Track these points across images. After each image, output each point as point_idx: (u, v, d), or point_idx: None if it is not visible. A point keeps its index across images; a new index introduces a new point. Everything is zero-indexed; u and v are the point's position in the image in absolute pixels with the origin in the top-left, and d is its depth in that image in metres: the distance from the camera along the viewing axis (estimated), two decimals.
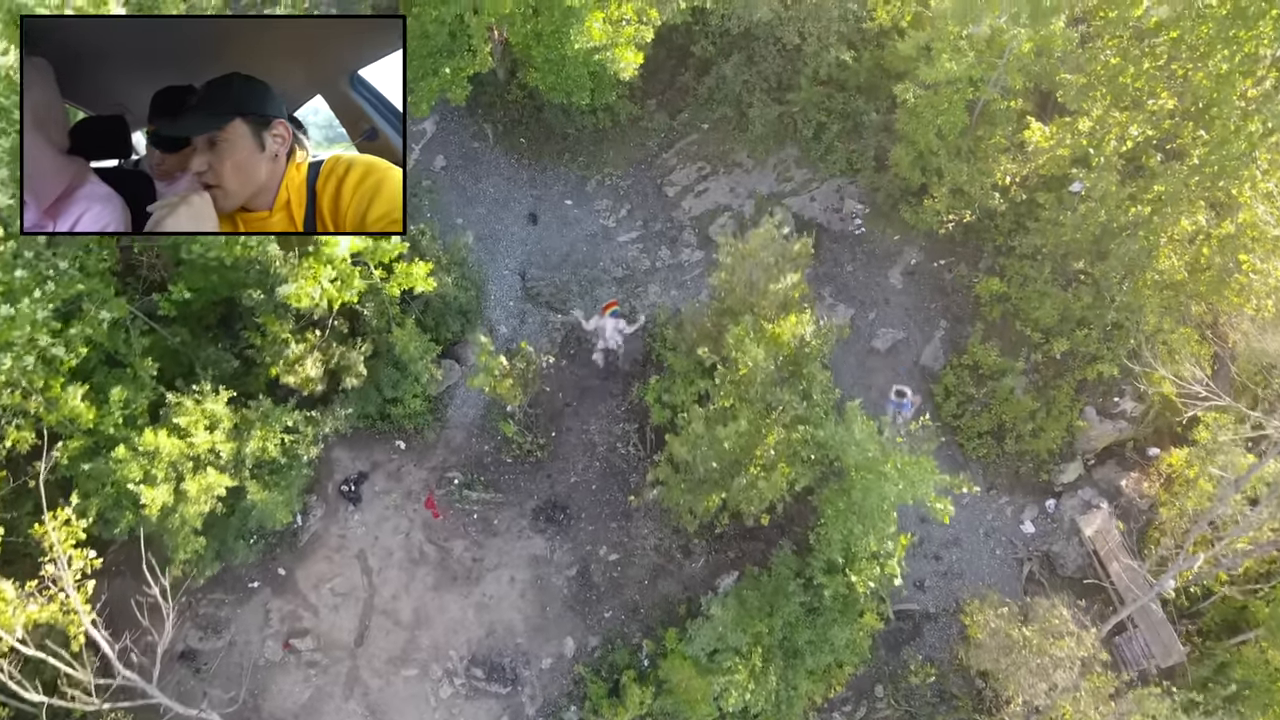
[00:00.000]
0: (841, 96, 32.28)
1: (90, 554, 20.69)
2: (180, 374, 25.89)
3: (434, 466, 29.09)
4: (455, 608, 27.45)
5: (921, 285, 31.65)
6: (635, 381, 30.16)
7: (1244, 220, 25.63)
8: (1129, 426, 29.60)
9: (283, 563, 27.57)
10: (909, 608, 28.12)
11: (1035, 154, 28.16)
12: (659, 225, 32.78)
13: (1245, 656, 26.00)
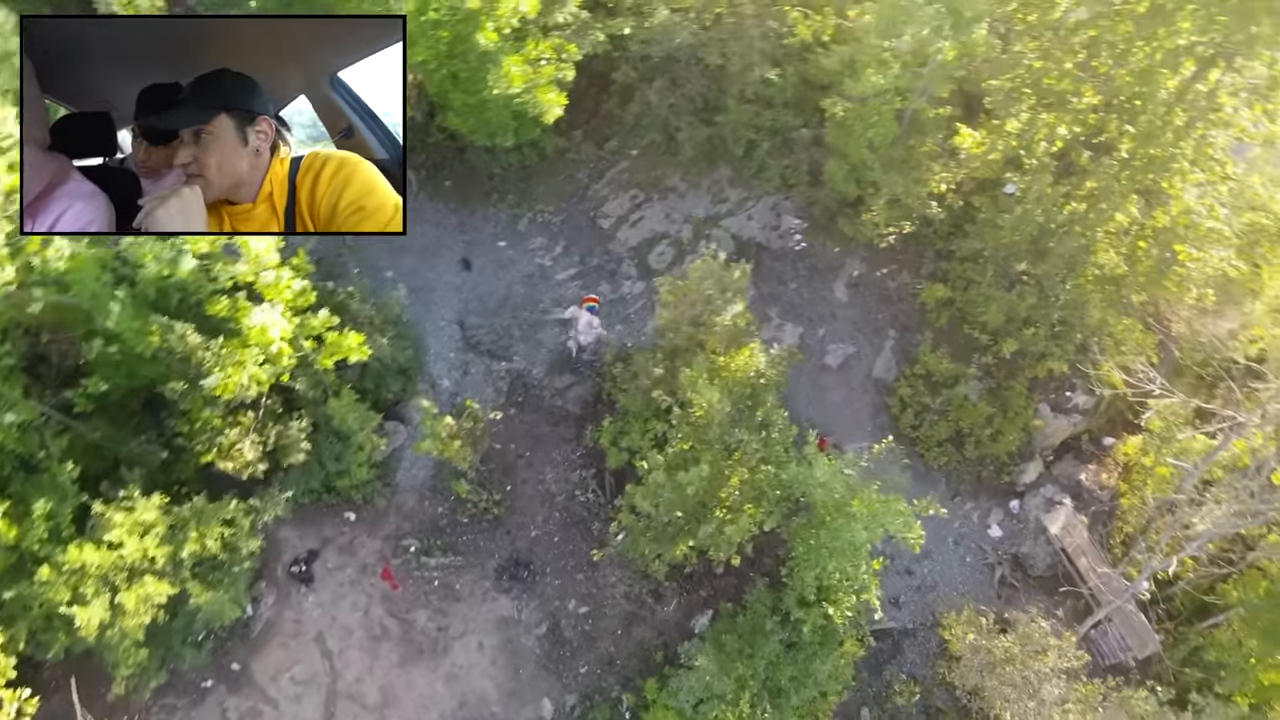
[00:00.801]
0: (770, 114, 31.83)
1: (24, 694, 19.09)
2: (104, 471, 24.32)
3: (388, 535, 27.84)
4: (424, 682, 26.28)
5: (867, 297, 31.38)
6: (588, 424, 29.31)
7: (1176, 211, 25.86)
8: (1083, 419, 29.75)
9: (236, 657, 26.07)
10: (887, 627, 27.76)
11: (967, 159, 28.10)
12: (596, 259, 31.95)
13: (1218, 639, 26.26)
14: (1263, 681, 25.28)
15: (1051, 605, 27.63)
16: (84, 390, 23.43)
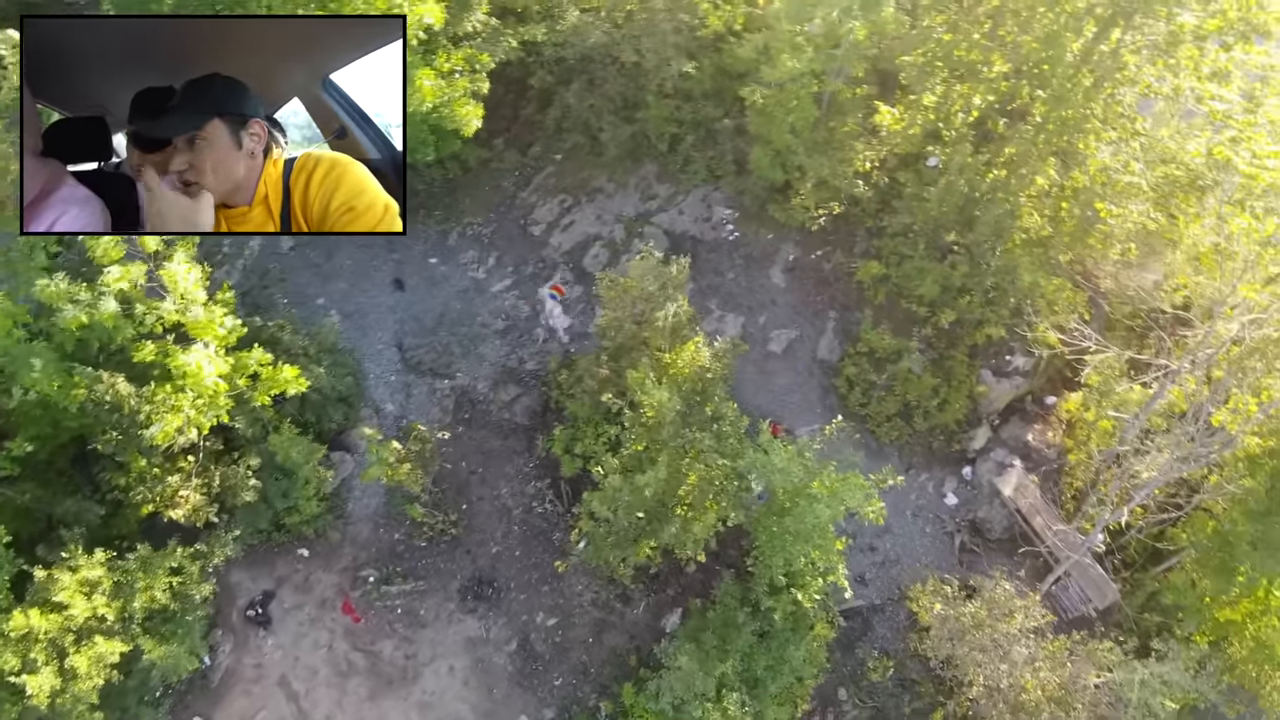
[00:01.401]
0: (690, 106, 31.86)
1: None
2: (38, 534, 23.40)
3: (344, 568, 27.20)
4: (396, 714, 25.71)
5: (804, 280, 31.56)
6: (538, 435, 28.99)
7: (1093, 170, 26.45)
8: (1024, 381, 30.30)
9: (197, 709, 25.22)
10: (855, 605, 27.94)
11: (888, 136, 28.44)
12: (531, 268, 31.63)
13: (1173, 582, 26.90)
14: (1218, 619, 25.96)
15: (1012, 566, 28.07)
16: (8, 453, 22.52)
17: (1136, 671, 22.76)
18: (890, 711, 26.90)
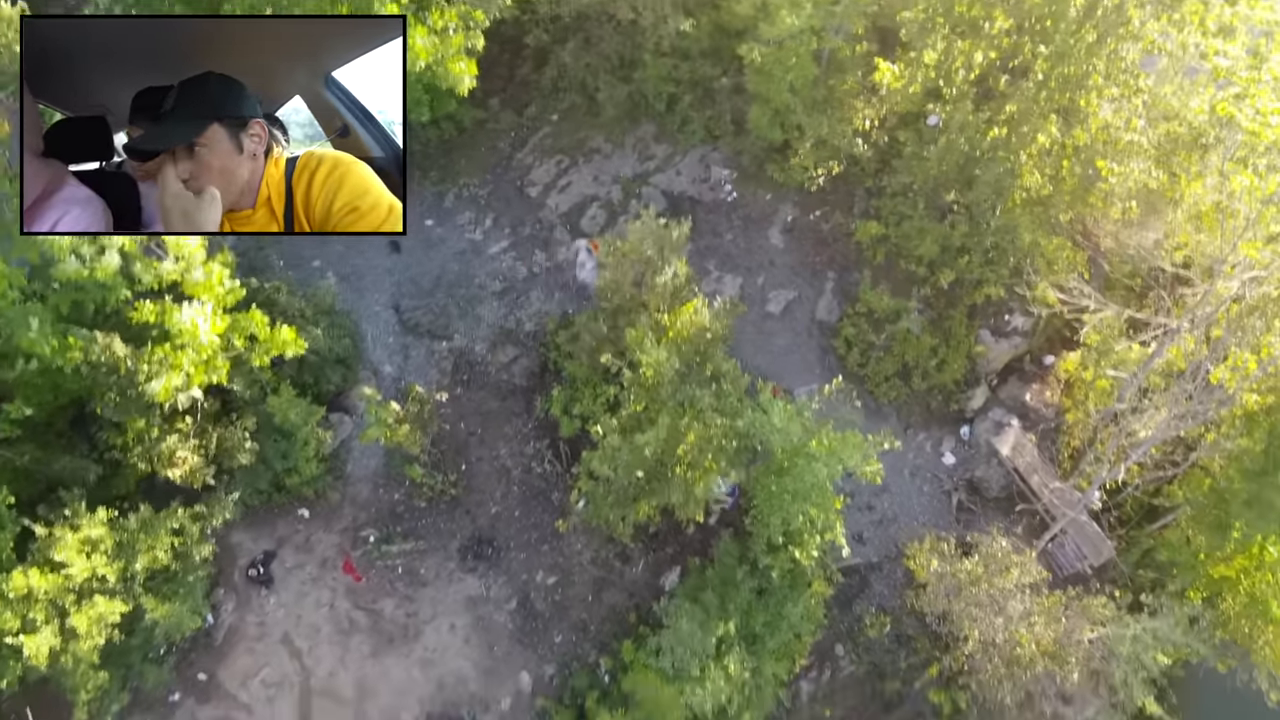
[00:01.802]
0: (687, 65, 31.49)
1: None
2: (38, 495, 23.39)
3: (345, 528, 27.34)
4: (398, 670, 25.99)
5: (802, 241, 31.42)
6: (537, 396, 29.02)
7: (1095, 128, 26.18)
8: (1023, 341, 30.28)
9: (201, 667, 25.48)
10: (853, 562, 28.16)
11: (888, 94, 28.08)
12: (528, 229, 31.45)
13: (1168, 539, 27.13)
14: (1212, 575, 26.19)
15: (1009, 524, 28.26)
16: (6, 415, 22.49)
17: (1129, 626, 22.99)
18: (886, 667, 27.23)
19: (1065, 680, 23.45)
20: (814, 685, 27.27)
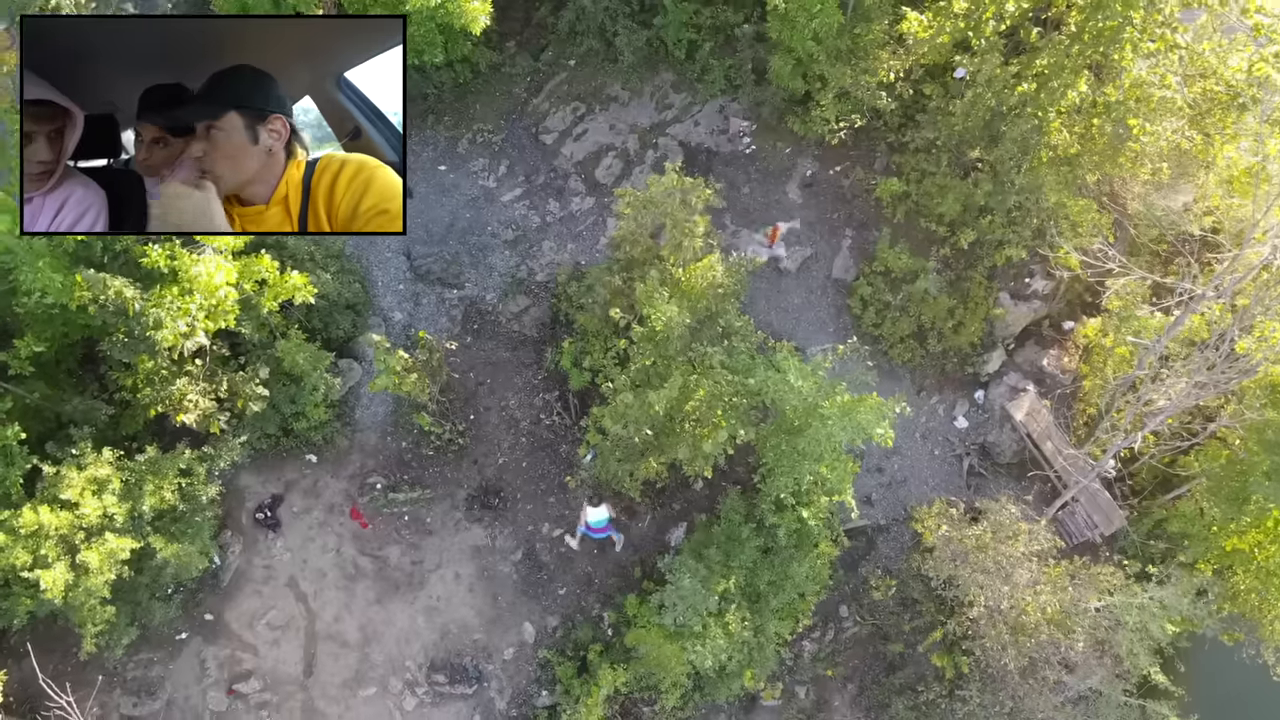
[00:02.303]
0: (709, 11, 30.62)
1: None
2: (46, 432, 23.54)
3: (352, 474, 27.39)
4: (403, 617, 26.20)
5: (821, 197, 30.77)
6: (547, 347, 28.79)
7: (1128, 84, 25.29)
8: (1043, 305, 29.67)
9: (208, 607, 25.76)
10: (860, 524, 28.00)
11: (915, 45, 27.15)
12: (542, 177, 30.94)
13: (1181, 510, 26.75)
14: (1225, 548, 25.85)
15: (1020, 491, 27.97)
16: (17, 351, 22.49)
17: (1136, 595, 22.76)
18: (890, 630, 27.20)
19: (1070, 649, 23.28)
20: (817, 645, 27.31)
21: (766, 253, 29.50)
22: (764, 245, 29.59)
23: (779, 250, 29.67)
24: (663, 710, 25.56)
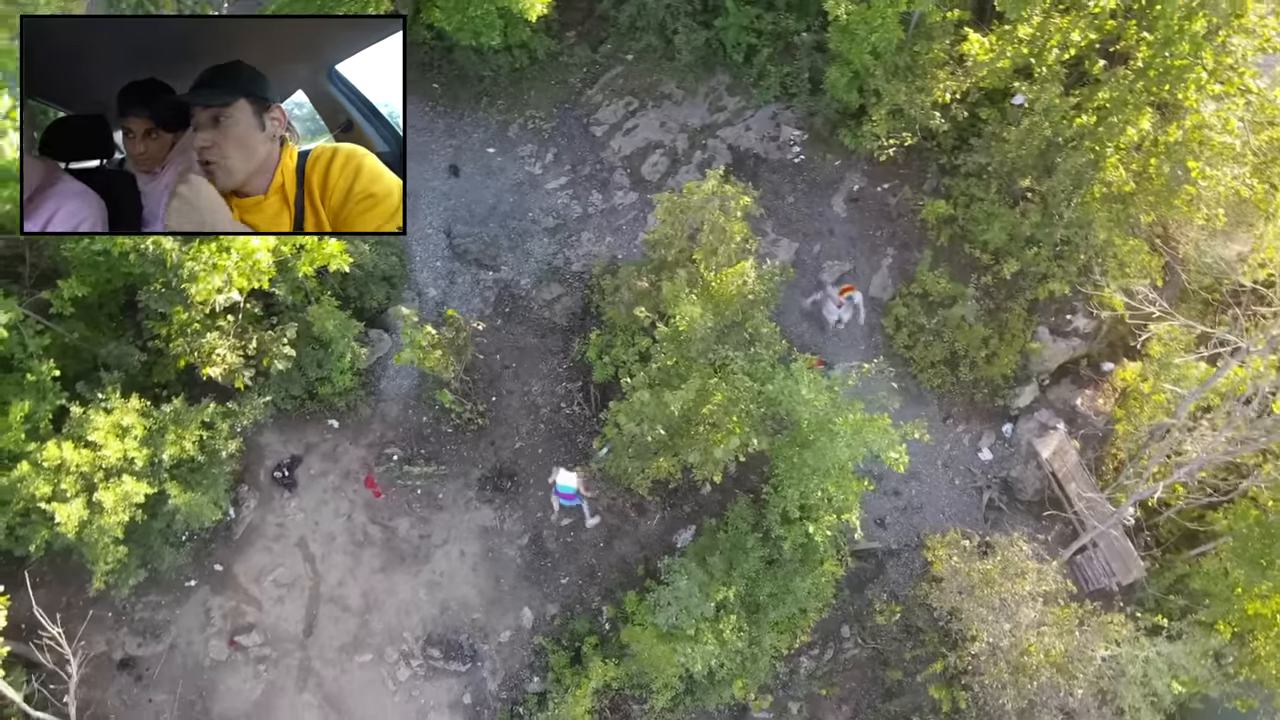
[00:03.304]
0: (771, 16, 30.43)
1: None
2: (81, 372, 24.23)
3: (371, 443, 27.78)
4: (406, 588, 26.50)
5: (866, 212, 30.40)
6: (575, 337, 28.88)
7: (1191, 125, 24.56)
8: (1082, 343, 28.97)
9: (219, 558, 26.34)
10: (871, 546, 27.65)
11: (975, 67, 26.67)
12: (588, 168, 31.04)
13: (1204, 568, 25.88)
14: (1247, 611, 24.96)
15: (1039, 530, 27.37)
16: (60, 292, 23.17)
17: (1144, 648, 22.11)
18: (891, 656, 26.80)
19: (1070, 695, 22.71)
20: (815, 663, 27.02)
21: (837, 312, 28.98)
22: (834, 303, 29.12)
23: (844, 312, 29.10)
24: (652, 710, 25.50)
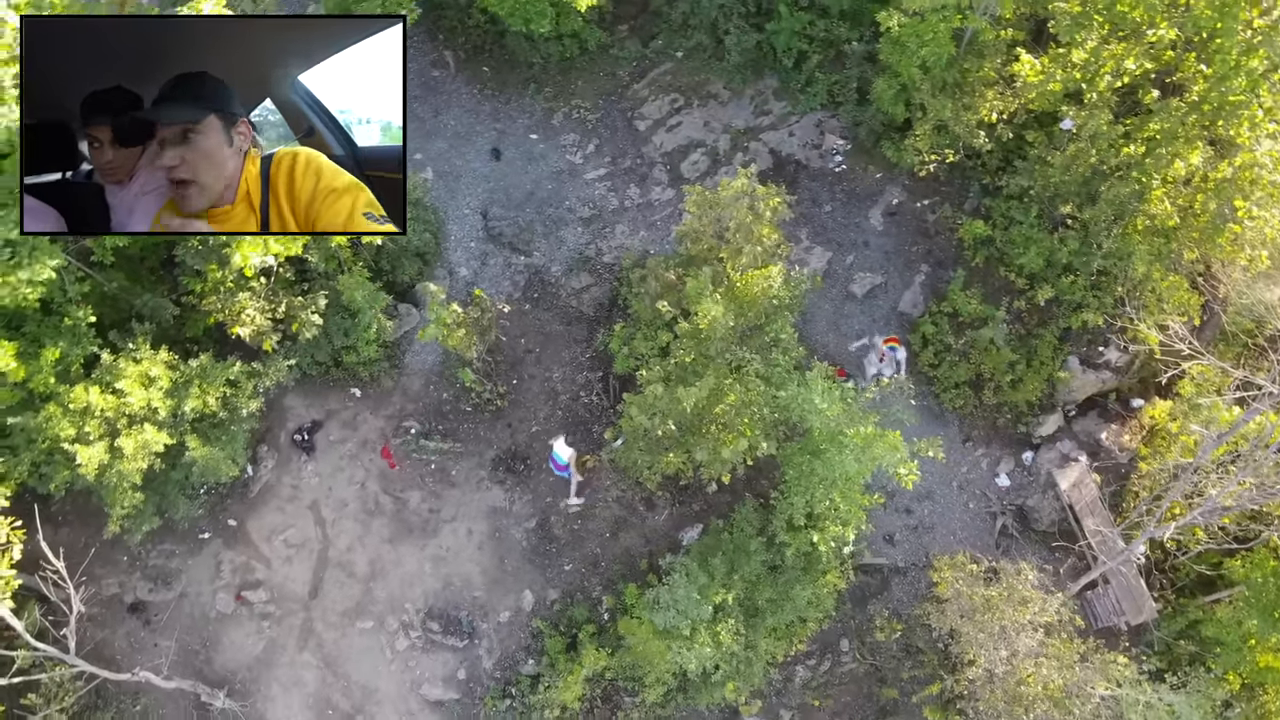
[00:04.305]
0: (824, 23, 30.28)
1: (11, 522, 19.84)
2: (116, 321, 24.84)
3: (391, 415, 28.18)
4: (411, 560, 26.86)
5: (903, 227, 30.14)
6: (600, 327, 29.03)
7: (1241, 163, 24.00)
8: (1113, 377, 28.45)
9: (234, 514, 26.92)
10: (877, 562, 27.45)
11: (1024, 88, 26.30)
12: (628, 162, 31.15)
13: (1218, 615, 25.33)
14: (1258, 663, 24.37)
15: (1050, 560, 26.94)
16: (101, 241, 23.77)
17: (1145, 692, 21.68)
18: (888, 673, 26.58)
19: None
20: (810, 673, 26.88)
21: (878, 365, 28.59)
22: (877, 354, 28.74)
23: (886, 367, 28.64)
24: (643, 704, 25.59)
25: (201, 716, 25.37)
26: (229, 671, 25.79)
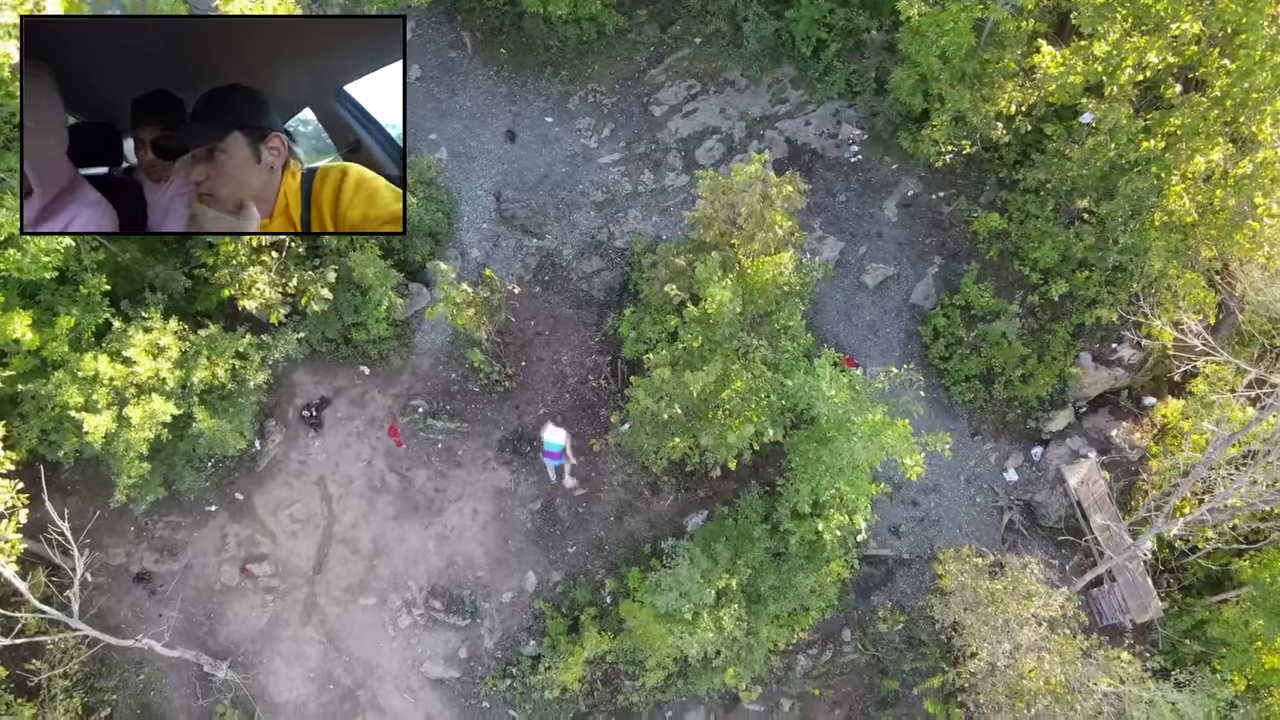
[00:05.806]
0: (843, 12, 30.06)
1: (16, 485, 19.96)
2: (130, 292, 24.96)
3: (399, 393, 28.23)
4: (415, 538, 26.93)
5: (917, 219, 29.95)
6: (610, 312, 28.98)
7: (1263, 159, 23.72)
8: (1126, 374, 28.23)
9: (240, 488, 27.04)
10: (882, 553, 27.37)
11: (1044, 80, 26.03)
12: (643, 147, 31.05)
13: (1225, 616, 25.16)
14: (1264, 665, 24.20)
15: (1053, 555, 26.82)
16: None
17: (1148, 690, 21.54)
18: (890, 664, 26.50)
19: None
20: (812, 662, 26.84)
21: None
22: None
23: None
24: (643, 687, 25.60)
25: (204, 687, 25.53)
26: (232, 643, 25.94)
